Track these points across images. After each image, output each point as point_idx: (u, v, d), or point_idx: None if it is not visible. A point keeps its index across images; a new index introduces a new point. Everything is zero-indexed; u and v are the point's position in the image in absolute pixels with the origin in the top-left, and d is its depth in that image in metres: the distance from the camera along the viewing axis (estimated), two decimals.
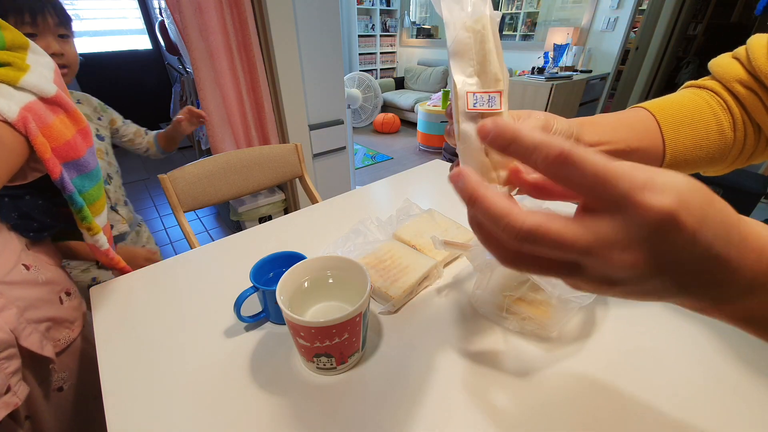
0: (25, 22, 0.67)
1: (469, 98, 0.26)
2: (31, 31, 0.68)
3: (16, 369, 0.45)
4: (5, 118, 0.40)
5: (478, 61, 0.26)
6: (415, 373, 0.43)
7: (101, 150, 0.90)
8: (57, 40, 0.72)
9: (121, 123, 1.00)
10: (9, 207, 0.50)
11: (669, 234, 0.16)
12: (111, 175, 0.93)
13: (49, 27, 0.70)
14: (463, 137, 0.26)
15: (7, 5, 0.65)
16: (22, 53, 0.44)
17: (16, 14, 0.66)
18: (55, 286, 0.54)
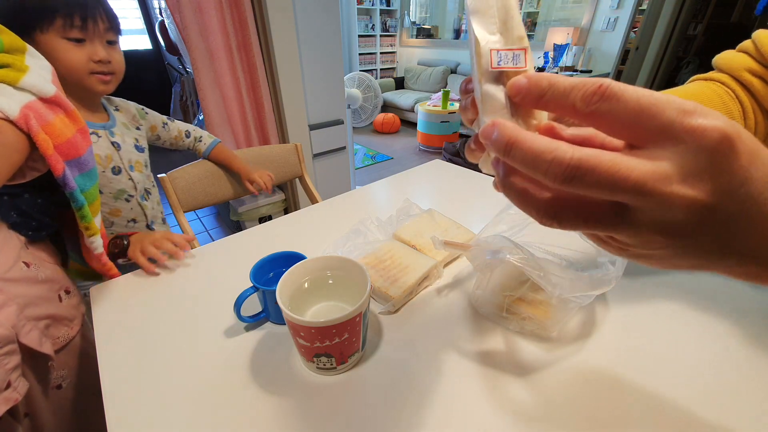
0: (74, 25, 0.62)
1: (493, 56, 0.24)
2: (80, 36, 0.63)
3: (16, 365, 0.45)
4: (6, 116, 0.40)
5: (500, 19, 0.24)
6: (415, 373, 0.43)
7: (140, 162, 0.81)
8: (105, 47, 0.68)
9: (161, 128, 0.91)
10: (8, 205, 0.50)
11: (727, 159, 0.15)
12: (149, 190, 0.84)
13: (99, 32, 0.65)
14: (486, 99, 0.24)
15: (57, 6, 0.60)
16: (20, 56, 0.45)
17: (66, 17, 0.61)
18: (54, 284, 0.54)
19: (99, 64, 0.66)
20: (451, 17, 5.03)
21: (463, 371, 0.43)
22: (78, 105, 0.70)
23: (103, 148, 0.72)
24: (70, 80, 0.66)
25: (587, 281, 0.40)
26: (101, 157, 0.72)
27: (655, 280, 0.57)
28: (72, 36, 0.62)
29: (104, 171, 0.72)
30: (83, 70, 0.65)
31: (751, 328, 0.48)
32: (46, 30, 0.61)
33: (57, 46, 0.62)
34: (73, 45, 0.63)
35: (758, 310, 0.51)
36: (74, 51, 0.63)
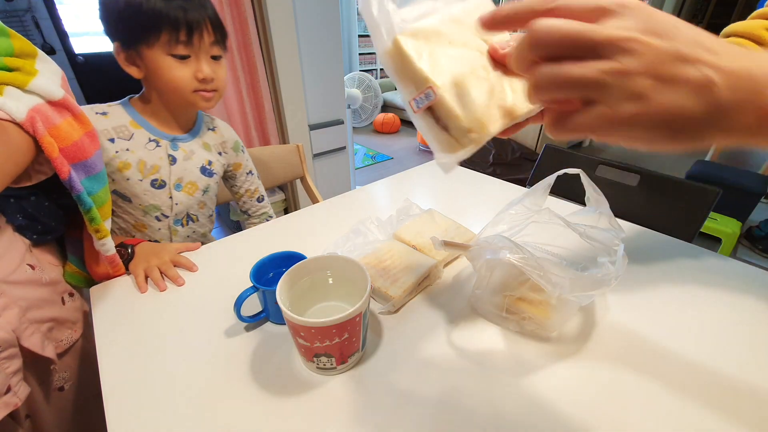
0: (179, 41, 0.59)
1: (413, 105, 0.30)
2: (185, 53, 0.61)
3: (17, 369, 0.45)
4: (13, 119, 0.41)
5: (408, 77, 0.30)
6: (415, 373, 0.43)
7: (195, 185, 0.73)
8: (209, 63, 0.64)
9: (245, 173, 0.85)
10: (14, 208, 0.50)
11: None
12: (194, 217, 0.77)
13: (205, 47, 0.62)
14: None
15: (163, 20, 0.58)
16: (30, 60, 0.46)
17: (171, 31, 0.58)
18: (58, 287, 0.54)
19: (203, 83, 0.63)
20: None
21: (464, 371, 0.43)
22: (168, 113, 0.69)
23: (153, 157, 0.67)
24: (173, 96, 0.65)
25: (587, 281, 0.40)
26: (146, 166, 0.67)
27: (655, 278, 0.57)
28: (177, 53, 0.60)
29: (141, 180, 0.67)
30: (187, 88, 0.63)
31: (750, 328, 0.48)
32: (152, 45, 0.59)
33: (162, 64, 0.60)
34: (177, 62, 0.61)
35: (757, 310, 0.51)
36: (179, 69, 0.61)
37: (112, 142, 0.65)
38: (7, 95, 0.41)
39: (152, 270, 0.57)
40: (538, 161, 1.07)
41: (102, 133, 0.64)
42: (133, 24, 0.58)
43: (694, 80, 0.21)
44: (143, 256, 0.60)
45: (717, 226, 1.88)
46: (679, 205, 0.80)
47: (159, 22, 0.58)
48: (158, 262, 0.58)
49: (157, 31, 0.58)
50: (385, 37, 0.29)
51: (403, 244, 0.61)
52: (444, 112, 0.29)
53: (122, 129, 0.66)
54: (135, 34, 0.59)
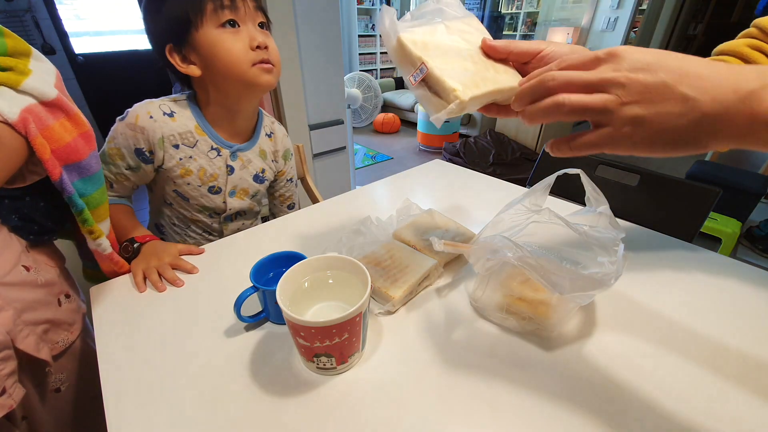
0: (224, 6, 0.58)
1: (411, 79, 0.40)
2: (232, 17, 0.59)
3: (11, 371, 0.45)
4: (6, 119, 0.40)
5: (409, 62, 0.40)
6: (415, 373, 0.43)
7: (246, 191, 0.76)
8: (258, 31, 0.62)
9: (284, 181, 0.86)
10: (9, 208, 0.50)
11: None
12: (244, 214, 0.81)
13: (250, 11, 0.60)
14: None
15: None
16: (24, 59, 0.45)
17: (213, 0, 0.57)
18: (53, 288, 0.54)
19: (258, 51, 0.60)
20: None
21: (464, 371, 0.43)
22: (228, 116, 0.68)
23: (213, 166, 0.69)
24: (231, 82, 0.62)
25: (587, 281, 0.40)
26: (206, 174, 0.68)
27: (655, 278, 0.57)
28: (225, 19, 0.58)
29: (200, 186, 0.70)
30: (245, 61, 0.60)
31: (750, 328, 0.48)
32: (200, 24, 0.58)
33: (215, 39, 0.58)
34: (229, 33, 0.59)
35: (757, 310, 0.51)
36: (232, 39, 0.59)
37: (176, 149, 0.65)
38: (0, 95, 0.41)
39: (151, 272, 0.57)
40: (538, 161, 1.07)
41: (168, 139, 0.64)
42: (179, 9, 0.58)
43: (677, 99, 0.26)
44: (145, 256, 0.60)
45: (717, 226, 1.88)
46: (679, 205, 0.79)
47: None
48: (157, 264, 0.58)
49: (200, 4, 0.57)
50: (393, 38, 0.40)
51: (403, 244, 0.61)
52: (434, 80, 0.38)
53: (187, 136, 0.66)
54: (183, 20, 0.58)
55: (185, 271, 0.60)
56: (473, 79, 0.38)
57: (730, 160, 2.51)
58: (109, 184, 0.66)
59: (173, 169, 0.66)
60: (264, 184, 0.78)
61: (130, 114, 0.63)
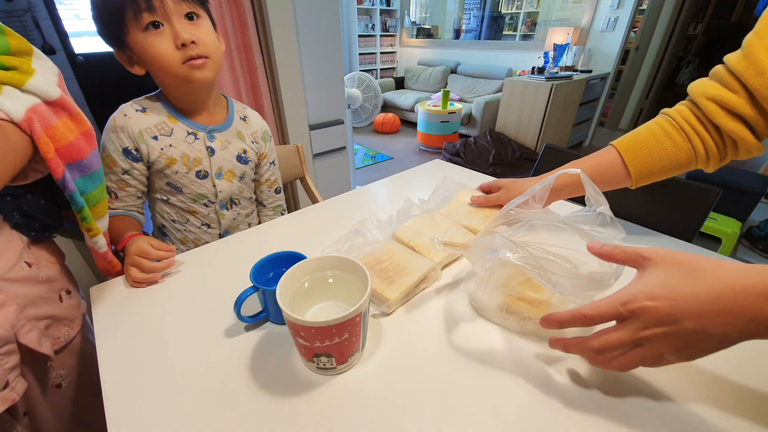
0: (141, 9, 0.56)
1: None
2: (152, 18, 0.57)
3: (14, 365, 0.45)
4: (11, 119, 0.41)
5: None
6: (414, 373, 0.43)
7: (233, 172, 0.76)
8: (184, 25, 0.59)
9: (268, 164, 0.85)
10: (11, 206, 0.51)
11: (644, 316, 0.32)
12: (237, 201, 0.81)
13: (169, 8, 0.58)
14: None
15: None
16: (27, 58, 0.45)
17: (131, 3, 0.56)
18: (55, 284, 0.55)
19: (185, 49, 0.59)
20: (451, 17, 5.03)
21: (463, 371, 0.43)
22: (193, 106, 0.70)
23: (194, 150, 0.70)
24: (170, 80, 0.63)
25: (587, 281, 0.40)
26: (189, 159, 0.70)
27: None
28: (145, 22, 0.57)
29: (188, 173, 0.71)
30: (174, 61, 0.59)
31: None
32: (127, 30, 0.58)
33: (142, 43, 0.58)
34: (153, 34, 0.58)
35: None
36: (157, 41, 0.58)
37: (155, 140, 0.67)
38: (5, 95, 0.41)
39: (133, 274, 0.57)
40: (538, 161, 1.07)
41: (146, 132, 0.66)
42: (106, 16, 0.58)
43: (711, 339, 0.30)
44: (128, 254, 0.60)
45: (717, 226, 1.88)
46: (679, 205, 0.79)
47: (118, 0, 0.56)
48: (132, 261, 0.58)
49: (121, 10, 0.57)
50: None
51: (401, 245, 0.61)
52: None
53: (162, 126, 0.68)
54: (113, 27, 0.58)
55: (155, 257, 0.59)
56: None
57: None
58: (114, 194, 0.68)
59: (158, 160, 0.68)
60: (249, 165, 0.79)
61: (109, 120, 0.66)
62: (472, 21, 4.89)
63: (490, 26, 4.75)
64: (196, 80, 0.63)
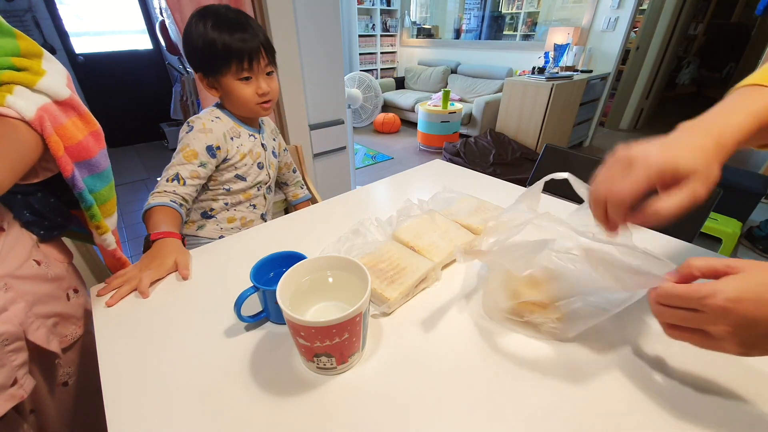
0: (243, 68, 0.77)
1: None
2: (247, 75, 0.78)
3: (23, 362, 0.46)
4: (23, 117, 0.42)
5: None
6: (414, 373, 0.43)
7: (273, 164, 0.97)
8: (265, 79, 0.81)
9: (282, 151, 1.06)
10: (21, 204, 0.51)
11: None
12: (272, 188, 1.00)
13: (261, 69, 0.80)
14: None
15: (232, 55, 0.75)
16: (37, 60, 0.46)
17: (238, 62, 0.75)
18: (63, 283, 0.55)
19: (262, 96, 0.82)
20: (451, 17, 5.03)
21: (463, 371, 0.43)
22: (244, 119, 0.88)
23: (257, 146, 0.89)
24: (243, 109, 0.84)
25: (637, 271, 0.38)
26: (253, 153, 0.88)
27: None
28: (242, 76, 0.78)
29: (253, 164, 0.88)
30: (252, 102, 0.81)
31: None
32: (225, 73, 0.77)
33: (234, 87, 0.79)
34: (243, 83, 0.79)
35: None
36: (245, 88, 0.79)
37: (233, 140, 0.84)
38: (17, 94, 0.42)
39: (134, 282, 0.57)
40: (539, 161, 1.07)
41: (226, 133, 0.83)
42: (211, 59, 0.76)
43: None
44: (146, 259, 0.60)
45: (717, 226, 1.88)
46: None
47: (229, 55, 0.75)
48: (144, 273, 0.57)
49: (228, 62, 0.76)
50: None
51: (401, 245, 0.61)
52: None
53: (233, 130, 0.85)
54: (213, 67, 0.78)
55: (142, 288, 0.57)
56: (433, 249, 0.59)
57: (731, 161, 2.49)
58: (183, 180, 0.76)
59: (235, 155, 0.85)
60: (276, 159, 0.99)
61: (196, 124, 0.81)
62: (473, 21, 4.89)
63: (490, 26, 4.75)
64: (263, 116, 0.89)
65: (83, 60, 3.16)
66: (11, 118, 0.41)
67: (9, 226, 0.49)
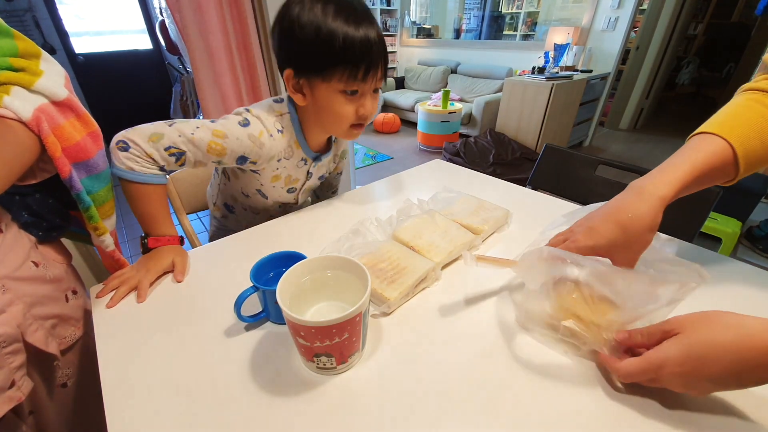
0: (357, 77, 0.58)
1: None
2: (356, 88, 0.60)
3: (21, 364, 0.46)
4: (20, 118, 0.42)
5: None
6: (414, 373, 0.43)
7: (310, 188, 0.86)
8: (371, 98, 0.64)
9: (336, 175, 0.98)
10: (19, 205, 0.51)
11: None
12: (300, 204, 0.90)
13: (372, 84, 0.62)
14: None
15: (351, 54, 0.56)
16: (35, 60, 0.46)
17: (353, 68, 0.57)
18: (61, 284, 0.55)
19: (361, 118, 0.64)
20: (451, 17, 5.03)
21: (463, 372, 0.43)
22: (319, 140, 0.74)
23: (298, 173, 0.76)
24: (330, 127, 0.67)
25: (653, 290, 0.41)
26: (290, 179, 0.76)
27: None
28: (350, 89, 0.60)
29: (283, 188, 0.77)
30: (347, 122, 0.64)
31: None
32: (330, 79, 0.59)
33: (332, 98, 0.61)
34: (346, 98, 0.61)
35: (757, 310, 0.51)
36: (346, 105, 0.62)
37: (278, 161, 0.70)
38: (14, 95, 0.42)
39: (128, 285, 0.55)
40: (539, 161, 1.07)
41: (277, 155, 0.68)
42: (324, 54, 0.57)
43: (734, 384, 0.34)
44: (142, 262, 0.59)
45: (717, 226, 1.88)
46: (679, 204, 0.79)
47: (348, 55, 0.56)
48: (142, 276, 0.56)
49: (343, 64, 0.57)
50: None
51: (401, 245, 0.61)
52: None
53: (288, 150, 0.70)
54: (320, 64, 0.58)
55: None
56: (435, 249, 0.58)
57: None
58: (184, 162, 0.62)
59: (267, 175, 0.72)
60: (319, 181, 0.87)
61: (254, 125, 0.64)
62: (473, 21, 4.89)
63: (490, 26, 4.75)
64: (350, 139, 0.69)
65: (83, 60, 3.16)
66: (8, 119, 0.41)
67: (7, 228, 0.48)
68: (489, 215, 0.70)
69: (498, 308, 0.52)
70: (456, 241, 0.62)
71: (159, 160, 0.59)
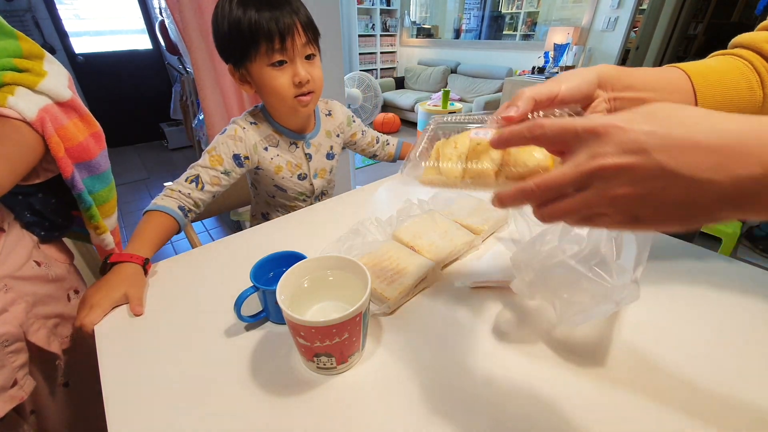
0: (275, 49, 0.64)
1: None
2: (281, 58, 0.66)
3: (23, 363, 0.46)
4: (24, 118, 0.42)
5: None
6: (415, 373, 0.43)
7: (325, 170, 0.88)
8: (303, 64, 0.67)
9: (360, 135, 0.96)
10: (22, 205, 0.52)
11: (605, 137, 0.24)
12: (326, 192, 0.95)
13: (297, 49, 0.66)
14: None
15: (259, 31, 0.62)
16: (39, 61, 0.47)
17: (267, 40, 0.63)
18: (63, 284, 0.55)
19: (299, 86, 0.68)
20: (451, 17, 5.02)
21: (463, 371, 0.43)
22: (286, 124, 0.78)
23: (296, 157, 0.82)
24: (279, 106, 0.73)
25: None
26: (292, 165, 0.81)
27: (655, 279, 0.57)
28: (274, 60, 0.65)
29: (291, 177, 0.82)
30: (287, 95, 0.68)
31: (751, 328, 0.48)
32: (254, 58, 0.65)
33: (264, 75, 0.66)
34: (276, 70, 0.66)
35: (757, 310, 0.51)
36: (278, 77, 0.66)
37: (266, 150, 0.77)
38: (18, 95, 0.42)
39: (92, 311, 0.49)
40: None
41: (259, 144, 0.76)
42: (238, 42, 0.64)
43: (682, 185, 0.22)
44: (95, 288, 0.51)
45: (717, 226, 1.88)
46: None
47: (257, 34, 0.62)
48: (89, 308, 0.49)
49: (256, 43, 0.63)
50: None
51: (401, 245, 0.61)
52: None
53: (270, 138, 0.77)
54: (241, 52, 0.66)
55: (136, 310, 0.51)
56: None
57: None
58: (202, 185, 0.70)
59: (269, 167, 0.78)
60: (335, 159, 0.90)
61: (229, 129, 0.74)
62: (472, 21, 4.88)
63: (490, 26, 4.74)
64: (301, 111, 0.74)
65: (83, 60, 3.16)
66: (13, 119, 0.42)
67: (10, 227, 0.49)
68: (489, 215, 0.70)
69: (498, 308, 0.52)
70: (456, 241, 0.62)
71: (183, 189, 0.67)
